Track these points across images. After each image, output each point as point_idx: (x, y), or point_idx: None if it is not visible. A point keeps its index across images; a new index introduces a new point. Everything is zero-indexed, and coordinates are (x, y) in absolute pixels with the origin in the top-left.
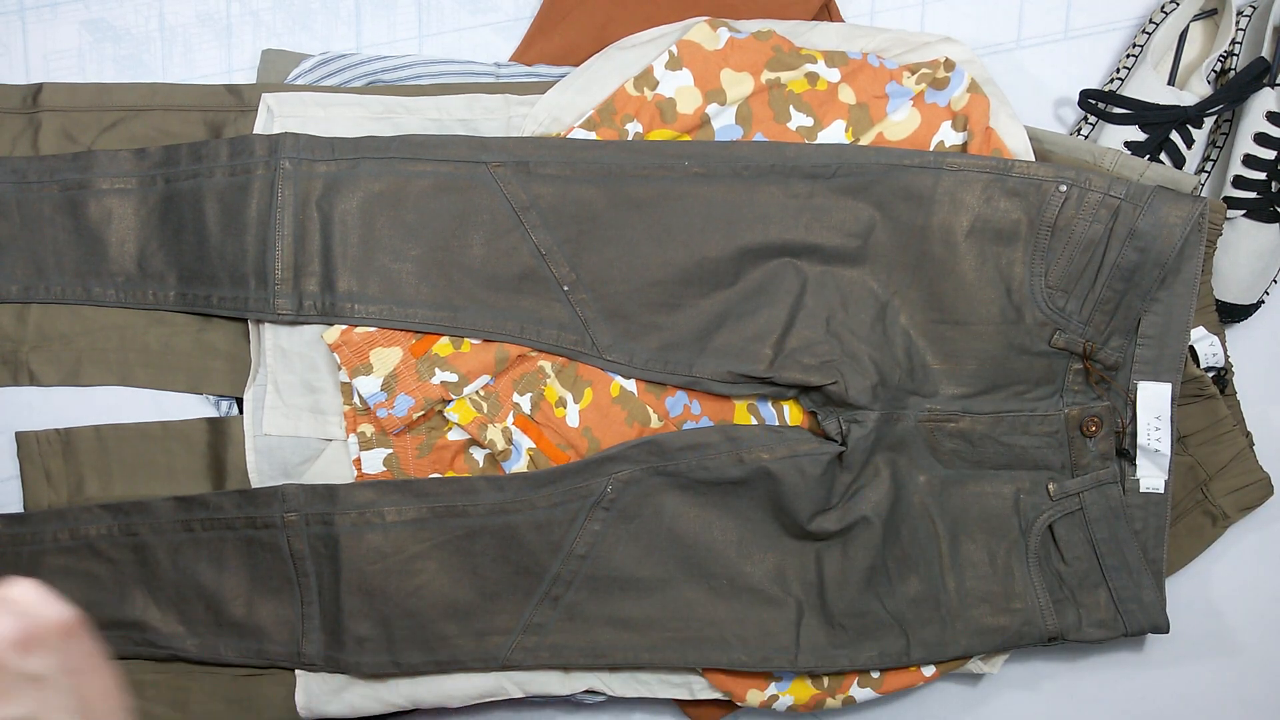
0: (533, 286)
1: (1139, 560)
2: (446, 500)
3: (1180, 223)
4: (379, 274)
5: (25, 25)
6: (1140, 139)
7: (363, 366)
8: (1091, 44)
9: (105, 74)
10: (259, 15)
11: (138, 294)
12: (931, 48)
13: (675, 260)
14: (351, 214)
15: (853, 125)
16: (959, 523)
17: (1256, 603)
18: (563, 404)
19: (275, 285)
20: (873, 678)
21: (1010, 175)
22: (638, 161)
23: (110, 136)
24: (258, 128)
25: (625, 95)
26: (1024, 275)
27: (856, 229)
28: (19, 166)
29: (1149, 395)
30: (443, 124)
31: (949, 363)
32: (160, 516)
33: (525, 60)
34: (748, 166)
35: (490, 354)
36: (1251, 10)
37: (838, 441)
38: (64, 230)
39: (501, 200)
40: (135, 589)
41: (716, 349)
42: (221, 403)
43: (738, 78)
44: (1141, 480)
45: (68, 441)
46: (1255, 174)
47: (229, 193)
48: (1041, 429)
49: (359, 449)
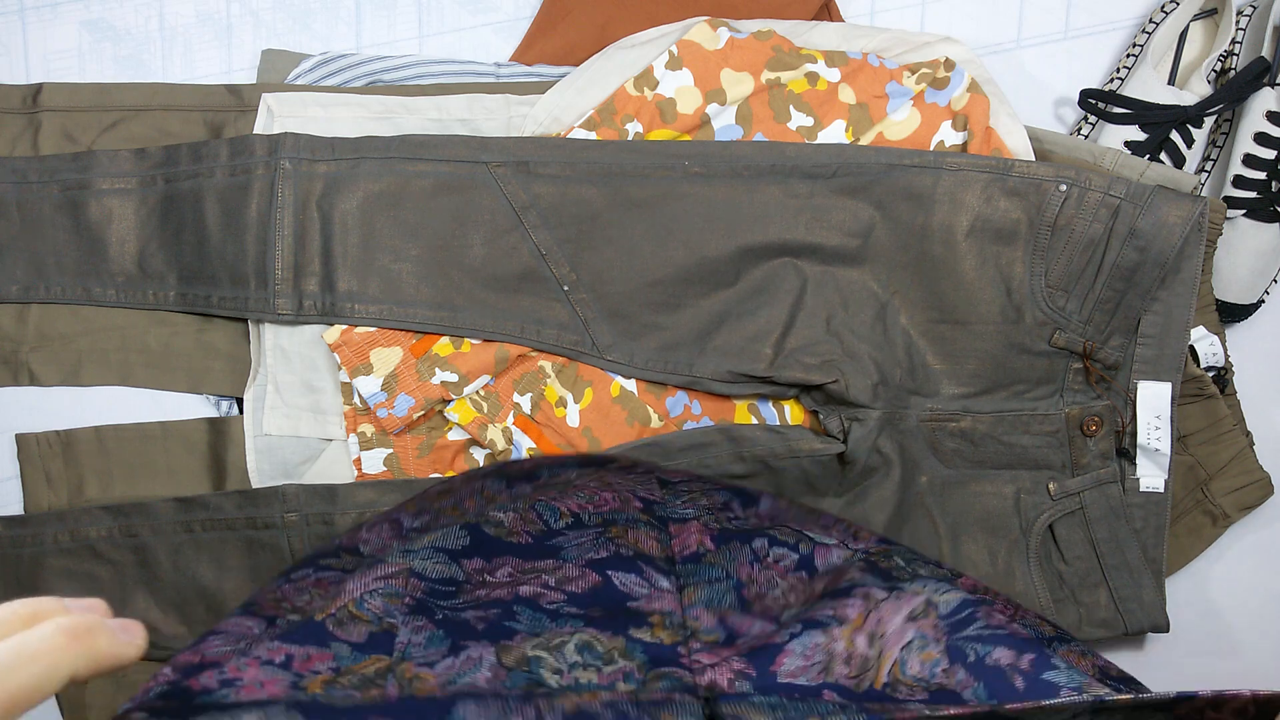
0: (533, 286)
1: (1139, 560)
2: None
3: (1180, 222)
4: (379, 274)
5: (25, 25)
6: (1140, 139)
7: (363, 366)
8: (1091, 44)
9: (105, 74)
10: (259, 15)
11: (138, 294)
12: (931, 48)
13: (675, 260)
14: (351, 214)
15: (853, 125)
16: (960, 522)
17: (1256, 603)
18: (563, 404)
19: (275, 285)
20: None
21: (1010, 175)
22: (638, 161)
23: (110, 136)
24: (258, 128)
25: (625, 95)
26: (1024, 275)
27: (856, 229)
28: (19, 166)
29: (1149, 395)
30: (443, 124)
31: (949, 362)
32: (160, 517)
33: (525, 60)
34: (748, 166)
35: (490, 354)
36: (1251, 10)
37: (839, 440)
38: (64, 230)
39: (501, 200)
40: (136, 590)
41: (717, 349)
42: (221, 403)
43: (738, 77)
44: (1141, 480)
45: (68, 443)
46: (1255, 174)
47: (229, 193)
48: (1042, 428)
49: (359, 449)
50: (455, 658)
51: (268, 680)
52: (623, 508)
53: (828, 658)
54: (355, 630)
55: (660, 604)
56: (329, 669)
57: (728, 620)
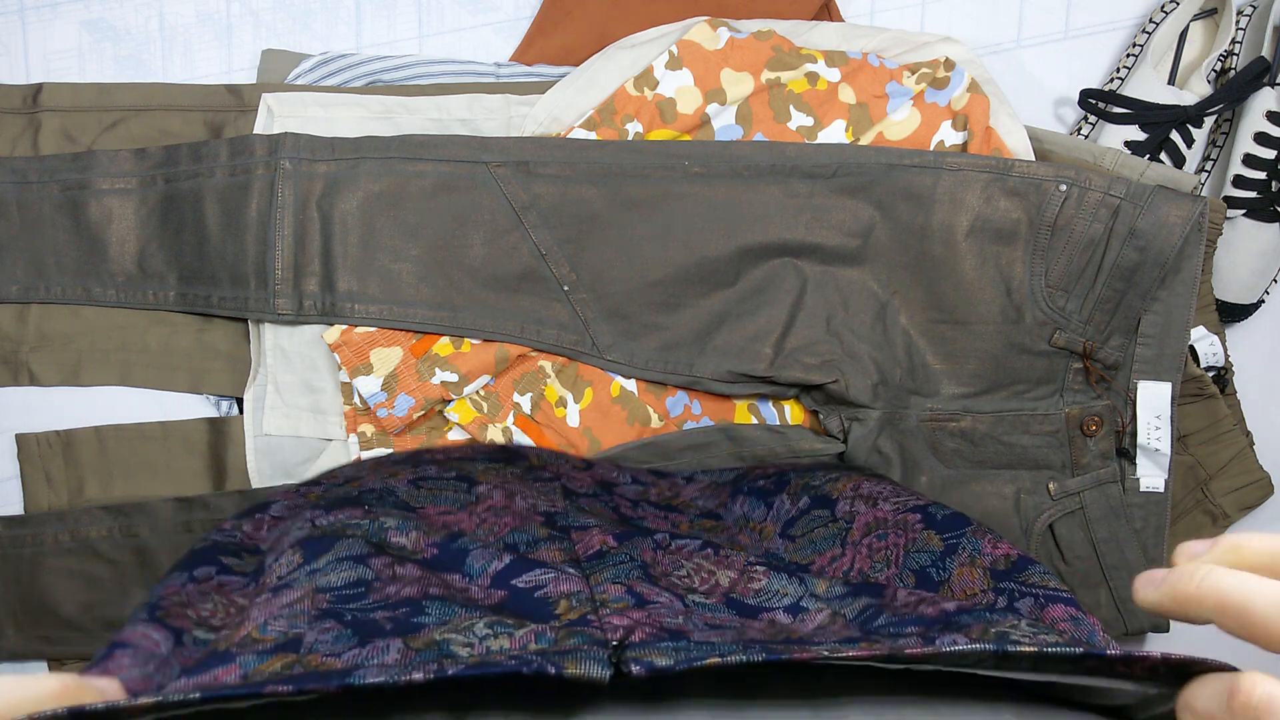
0: (533, 286)
1: (1139, 560)
2: None
3: (1180, 222)
4: (379, 274)
5: (25, 25)
6: (1140, 139)
7: (363, 366)
8: (1091, 44)
9: (105, 74)
10: (259, 15)
11: (138, 294)
12: (931, 48)
13: (675, 260)
14: (351, 214)
15: (853, 125)
16: None
17: None
18: (563, 404)
19: (275, 285)
20: None
21: (1010, 175)
22: (638, 161)
23: (110, 136)
24: (258, 128)
25: (625, 95)
26: (1024, 275)
27: (856, 229)
28: (19, 166)
29: (1149, 395)
30: (443, 124)
31: (949, 362)
32: (160, 517)
33: (525, 60)
34: (748, 166)
35: (490, 354)
36: (1251, 10)
37: (839, 440)
38: (64, 230)
39: (501, 200)
40: (136, 590)
41: (717, 348)
42: (221, 403)
43: (738, 77)
44: (1141, 480)
45: (68, 443)
46: (1255, 173)
47: (229, 193)
48: (1042, 428)
49: (359, 449)
50: (362, 649)
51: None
52: (523, 525)
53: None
54: (260, 648)
55: (567, 586)
56: (237, 678)
57: (635, 588)
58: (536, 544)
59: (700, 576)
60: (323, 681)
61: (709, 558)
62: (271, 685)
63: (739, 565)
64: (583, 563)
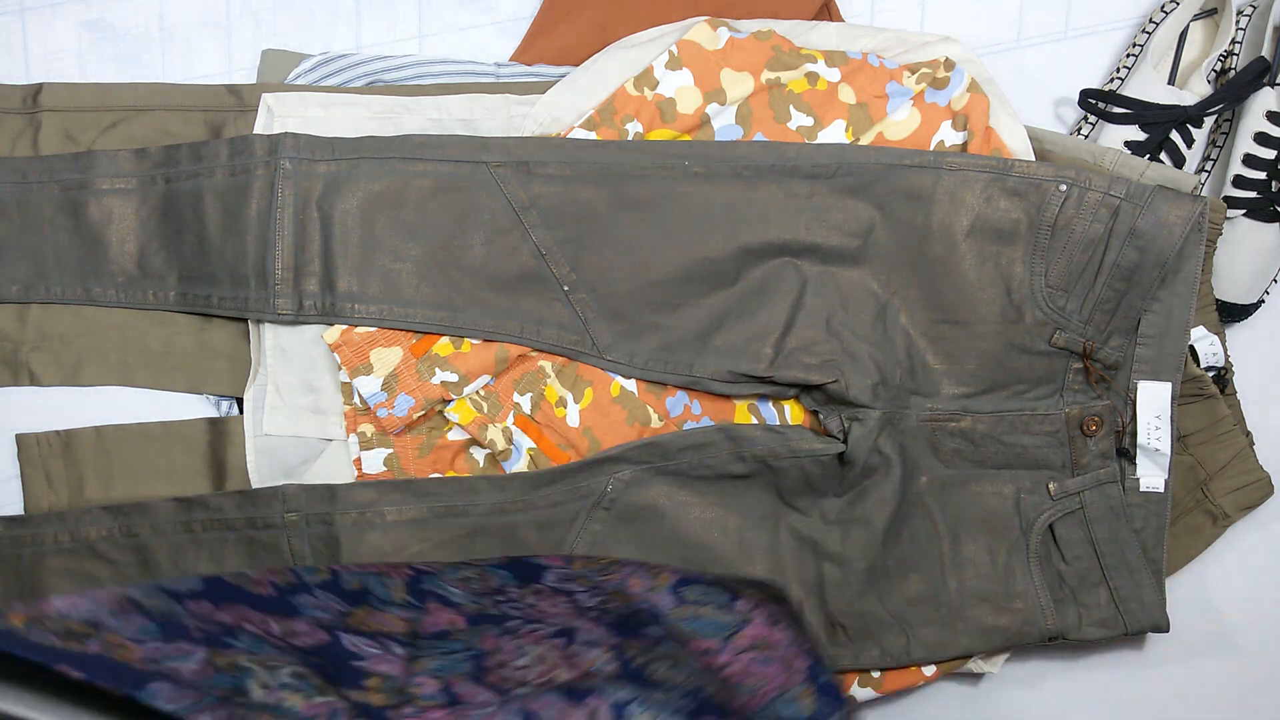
0: (533, 286)
1: (1139, 559)
2: (447, 500)
3: (1180, 222)
4: (379, 274)
5: (25, 25)
6: (1140, 139)
7: (363, 366)
8: (1091, 44)
9: (105, 74)
10: (259, 15)
11: (138, 294)
12: (931, 48)
13: (675, 260)
14: (351, 214)
15: (853, 125)
16: (960, 522)
17: (1256, 603)
18: (563, 404)
19: (275, 285)
20: (873, 677)
21: (1010, 175)
22: (638, 161)
23: (110, 136)
24: (258, 128)
25: (625, 95)
26: (1024, 275)
27: (856, 229)
28: (19, 166)
29: (1149, 395)
30: (443, 124)
31: (949, 362)
32: (160, 518)
33: (525, 60)
34: (748, 166)
35: (490, 354)
36: (1251, 10)
37: (839, 440)
38: (64, 230)
39: (501, 200)
40: None
41: (717, 348)
42: (222, 403)
43: (738, 77)
44: (1141, 479)
45: (68, 443)
46: (1255, 173)
47: (229, 193)
48: (1042, 428)
49: (359, 449)
50: (165, 644)
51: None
52: (392, 573)
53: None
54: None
55: (385, 667)
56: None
57: (453, 688)
58: (388, 605)
59: (539, 669)
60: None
61: (558, 648)
62: (65, 665)
63: (583, 667)
64: (420, 640)
